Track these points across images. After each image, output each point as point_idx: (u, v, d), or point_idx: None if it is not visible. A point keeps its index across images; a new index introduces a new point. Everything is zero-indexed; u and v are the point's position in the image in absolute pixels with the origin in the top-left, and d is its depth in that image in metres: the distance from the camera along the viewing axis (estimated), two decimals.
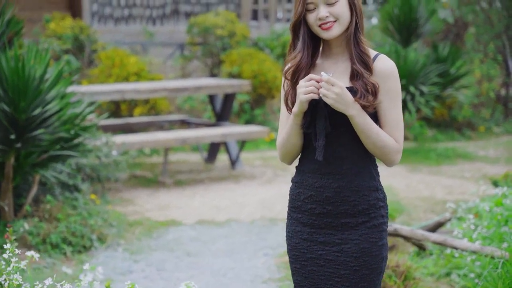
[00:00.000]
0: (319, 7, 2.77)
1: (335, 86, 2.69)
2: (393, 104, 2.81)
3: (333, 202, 2.82)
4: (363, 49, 2.80)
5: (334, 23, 2.77)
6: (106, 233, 6.31)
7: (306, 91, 2.71)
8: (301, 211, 2.89)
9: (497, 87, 13.64)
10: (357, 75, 2.77)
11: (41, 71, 5.74)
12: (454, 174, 9.34)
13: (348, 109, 2.71)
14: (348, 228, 2.82)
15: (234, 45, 12.72)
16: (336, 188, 2.81)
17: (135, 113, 10.94)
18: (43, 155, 6.03)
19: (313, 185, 2.85)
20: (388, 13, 10.58)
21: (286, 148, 2.89)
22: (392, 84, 2.80)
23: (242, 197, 8.04)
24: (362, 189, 2.81)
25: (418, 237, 4.74)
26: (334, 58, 2.87)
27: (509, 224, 5.07)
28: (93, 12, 13.51)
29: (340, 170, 2.81)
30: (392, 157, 2.81)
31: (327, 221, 2.84)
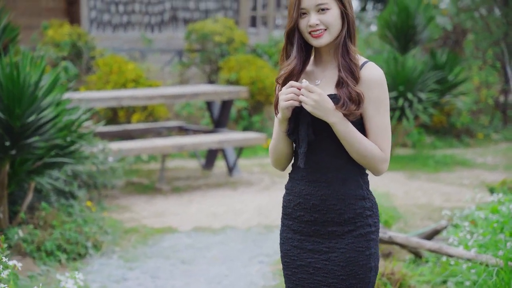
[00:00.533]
0: (310, 14, 2.77)
1: (313, 93, 2.69)
2: (378, 112, 2.77)
3: (320, 210, 2.82)
4: (352, 58, 2.78)
5: (324, 32, 2.77)
6: (101, 241, 6.29)
7: (286, 98, 2.73)
8: (291, 218, 2.90)
9: (496, 94, 13.64)
10: (342, 83, 2.76)
11: (36, 78, 5.73)
12: (452, 181, 9.32)
13: (328, 116, 2.71)
14: (335, 237, 2.82)
15: (232, 51, 12.72)
16: (322, 196, 2.81)
17: (133, 120, 10.93)
18: (38, 162, 6.01)
19: (301, 192, 2.86)
20: (386, 20, 10.57)
21: (276, 154, 2.92)
22: (377, 92, 2.77)
23: (239, 204, 8.01)
24: (348, 197, 2.80)
25: (413, 245, 4.72)
26: (324, 65, 2.87)
27: (505, 231, 5.04)
28: (92, 19, 13.51)
29: (326, 178, 2.81)
30: (377, 166, 2.78)
31: (314, 228, 2.84)
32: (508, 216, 5.17)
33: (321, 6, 2.75)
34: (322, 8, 2.76)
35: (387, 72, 10.29)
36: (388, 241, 4.78)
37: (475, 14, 13.70)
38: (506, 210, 5.19)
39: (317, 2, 2.75)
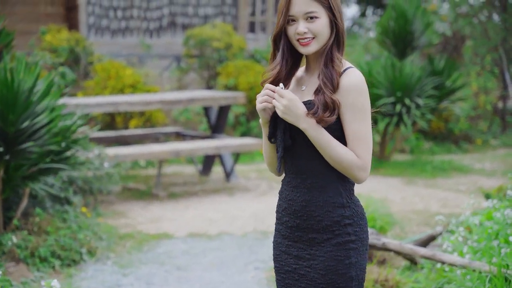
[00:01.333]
0: (298, 21, 2.76)
1: (284, 98, 2.69)
2: (355, 119, 2.73)
3: (301, 216, 2.82)
4: (335, 65, 2.76)
5: (312, 40, 2.77)
6: (96, 247, 6.27)
7: (261, 100, 2.75)
8: (281, 223, 2.91)
9: (494, 99, 13.62)
10: (320, 90, 2.75)
11: (31, 83, 5.72)
12: (450, 187, 9.29)
13: (298, 122, 2.71)
14: (315, 244, 2.81)
15: (231, 57, 12.71)
16: (302, 202, 2.81)
17: (131, 126, 10.92)
18: (33, 168, 6.00)
19: (286, 198, 2.87)
20: (384, 26, 10.57)
21: (266, 158, 2.95)
22: (354, 98, 2.73)
23: (236, 210, 7.99)
24: (327, 205, 2.78)
25: (406, 252, 4.70)
26: (312, 72, 2.87)
27: (499, 238, 5.02)
28: (90, 24, 13.51)
29: (306, 184, 2.81)
30: (355, 173, 2.74)
31: (298, 234, 2.84)
32: (503, 222, 5.15)
33: (309, 15, 2.74)
34: (310, 16, 2.74)
35: (385, 77, 10.29)
36: (382, 247, 4.76)
37: (474, 20, 13.70)
38: (501, 216, 5.16)
39: (306, 10, 2.74)
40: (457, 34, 14.58)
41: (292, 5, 2.74)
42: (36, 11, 13.59)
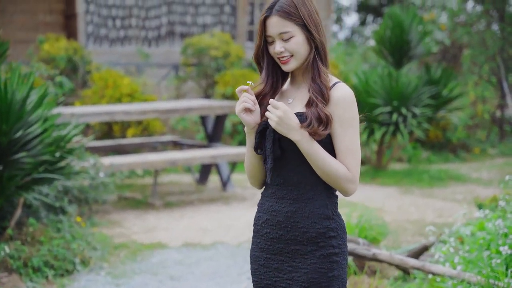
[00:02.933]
0: (275, 41, 2.81)
1: (278, 109, 2.72)
2: (345, 132, 2.78)
3: (284, 227, 2.82)
4: (323, 79, 2.81)
5: (290, 58, 2.82)
6: (89, 256, 6.27)
7: (239, 103, 2.78)
8: (259, 236, 2.91)
9: (492, 108, 13.63)
10: (312, 103, 2.78)
11: (24, 94, 5.74)
12: (446, 196, 9.29)
13: (291, 134, 2.73)
14: (297, 256, 2.81)
15: (229, 66, 12.73)
16: (287, 213, 2.82)
17: (128, 134, 10.93)
18: (26, 177, 6.01)
19: (269, 209, 2.87)
20: (381, 36, 10.59)
21: (248, 170, 2.94)
22: (345, 112, 2.78)
23: (231, 219, 7.99)
24: (313, 216, 2.79)
25: (396, 262, 4.70)
26: (297, 85, 2.91)
27: (491, 248, 5.02)
28: (89, 33, 13.55)
29: (292, 195, 2.82)
30: (344, 186, 2.77)
31: (279, 246, 2.84)
32: (495, 233, 5.15)
33: (283, 36, 2.79)
34: (284, 38, 2.79)
35: (382, 87, 10.31)
36: (372, 258, 4.76)
37: (471, 29, 13.72)
38: (493, 227, 5.16)
39: (280, 31, 2.79)
40: (456, 43, 14.61)
41: (267, 27, 2.81)
42: (34, 20, 13.63)
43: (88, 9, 13.55)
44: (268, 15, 2.80)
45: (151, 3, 14.01)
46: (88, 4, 13.52)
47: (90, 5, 13.56)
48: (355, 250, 4.85)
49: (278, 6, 2.79)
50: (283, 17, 2.77)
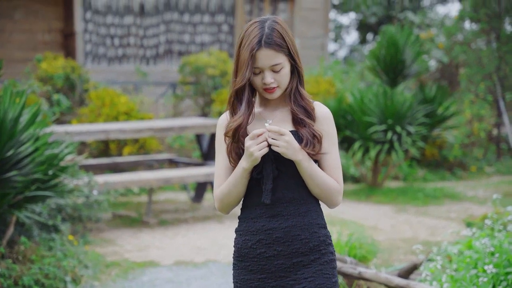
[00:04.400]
0: (264, 72, 2.84)
1: (284, 134, 2.77)
2: (332, 147, 2.90)
3: (284, 242, 2.86)
4: (307, 102, 2.91)
5: (276, 88, 2.87)
6: (80, 275, 6.28)
7: (260, 148, 2.78)
8: (248, 259, 2.91)
9: (488, 127, 13.66)
10: (302, 123, 2.87)
11: (17, 112, 5.78)
12: (440, 214, 9.31)
13: (296, 155, 2.80)
14: (300, 267, 2.86)
15: (226, 84, 12.79)
16: (285, 228, 2.86)
17: (124, 152, 10.97)
18: (18, 196, 6.04)
19: (260, 229, 2.89)
20: (376, 54, 10.65)
21: (230, 199, 2.93)
22: (329, 128, 2.91)
23: (224, 238, 8.01)
24: (312, 226, 2.88)
25: (382, 281, 4.72)
26: (273, 107, 2.96)
27: (478, 267, 5.03)
28: (87, 52, 13.63)
29: (287, 211, 2.87)
30: (335, 198, 2.89)
31: (278, 263, 2.87)
32: (482, 251, 5.17)
33: (275, 68, 2.84)
34: (276, 70, 2.84)
35: (377, 105, 10.35)
36: (358, 276, 4.78)
37: (467, 48, 13.78)
38: (481, 245, 5.18)
39: (272, 63, 2.83)
40: (454, 61, 14.68)
41: (257, 59, 2.82)
42: (33, 39, 13.73)
43: (87, 28, 13.65)
44: (259, 48, 2.81)
45: (150, 22, 14.11)
46: (86, 23, 13.62)
47: (89, 24, 13.66)
48: (342, 268, 4.88)
49: (268, 39, 2.81)
50: (275, 49, 2.82)
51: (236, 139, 2.87)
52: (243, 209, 2.97)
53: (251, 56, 2.80)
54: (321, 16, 15.32)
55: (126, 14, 13.93)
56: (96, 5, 13.67)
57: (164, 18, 14.23)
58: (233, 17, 14.72)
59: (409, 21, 18.22)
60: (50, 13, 13.85)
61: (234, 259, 2.99)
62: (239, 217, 2.98)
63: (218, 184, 2.96)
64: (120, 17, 13.88)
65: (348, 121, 10.60)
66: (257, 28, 2.83)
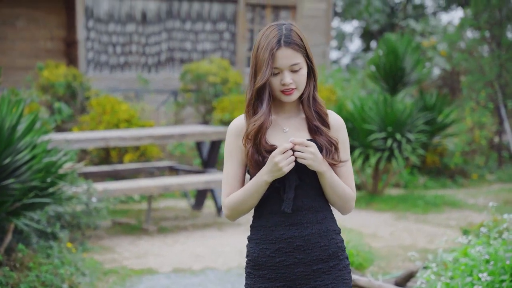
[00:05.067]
0: (283, 72, 2.84)
1: (310, 146, 2.78)
2: (347, 154, 2.94)
3: (304, 250, 2.87)
4: (320, 107, 2.92)
5: (294, 90, 2.87)
6: (78, 282, 6.29)
7: (288, 163, 2.78)
8: (266, 267, 2.90)
9: (490, 134, 13.65)
10: (318, 131, 2.89)
11: (14, 121, 5.81)
12: (440, 222, 9.30)
13: (320, 166, 2.82)
14: (320, 274, 2.88)
15: (227, 91, 12.83)
16: (306, 236, 2.87)
17: (125, 160, 11.00)
18: (16, 203, 6.05)
19: (280, 238, 2.88)
20: (375, 62, 10.66)
21: (244, 208, 2.91)
22: (343, 135, 2.95)
23: (223, 245, 8.02)
24: (329, 232, 2.91)
25: None
26: (288, 114, 2.96)
27: (473, 275, 5.03)
28: (89, 60, 13.69)
29: (307, 219, 2.89)
30: (350, 205, 2.95)
31: (298, 271, 2.88)
32: (478, 259, 5.17)
33: (294, 67, 2.84)
34: (294, 69, 2.84)
35: (377, 113, 10.36)
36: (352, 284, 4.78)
37: (469, 56, 13.79)
38: (476, 253, 5.18)
39: (291, 63, 2.83)
40: (455, 69, 14.70)
41: (276, 59, 2.82)
42: (36, 47, 13.79)
43: (89, 36, 13.70)
44: (278, 47, 2.82)
45: (151, 29, 14.16)
46: (88, 31, 13.67)
47: (91, 32, 13.71)
48: None
49: (287, 39, 2.82)
50: (294, 49, 2.82)
51: (258, 141, 2.84)
52: (257, 217, 2.95)
53: (271, 55, 2.80)
54: (323, 24, 15.35)
55: (128, 22, 13.98)
56: (98, 13, 13.73)
57: (166, 26, 14.28)
58: (235, 25, 14.76)
59: (411, 28, 18.24)
60: (53, 21, 13.92)
61: (249, 267, 2.96)
62: (253, 225, 2.96)
63: (227, 192, 2.95)
64: (122, 25, 13.94)
65: (348, 128, 10.61)
66: (275, 29, 2.84)
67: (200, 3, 14.46)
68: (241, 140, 2.91)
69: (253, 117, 2.87)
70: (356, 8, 20.20)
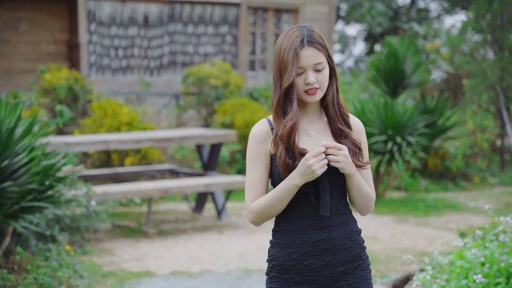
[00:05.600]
0: (306, 72, 2.85)
1: (342, 150, 2.81)
2: (367, 157, 2.98)
3: (332, 253, 2.90)
4: (343, 109, 2.95)
5: (318, 90, 2.88)
6: (76, 285, 6.31)
7: (321, 165, 2.79)
8: (293, 271, 2.92)
9: (492, 137, 13.63)
10: (342, 134, 2.92)
11: (12, 123, 5.83)
12: (440, 225, 9.29)
13: (351, 169, 2.86)
14: (345, 275, 2.91)
15: (228, 95, 12.84)
16: (333, 239, 2.90)
17: (126, 163, 11.02)
18: (14, 206, 6.08)
19: (307, 242, 2.90)
20: (376, 65, 10.67)
21: (272, 213, 2.90)
22: (364, 138, 3.00)
23: (222, 248, 8.03)
24: (353, 234, 2.95)
25: None
26: (310, 117, 2.96)
27: (469, 277, 5.04)
28: (91, 63, 13.72)
29: (334, 221, 2.92)
30: (371, 206, 3.00)
31: (325, 273, 2.90)
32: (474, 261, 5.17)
33: (317, 67, 2.86)
34: (318, 68, 2.86)
35: (377, 116, 10.36)
36: None
37: (471, 59, 13.78)
38: (471, 255, 5.19)
39: (315, 62, 2.85)
40: (458, 72, 14.69)
41: (301, 58, 2.84)
42: (38, 50, 13.83)
43: (91, 39, 13.74)
44: (302, 47, 2.84)
45: (154, 33, 14.19)
46: (91, 34, 13.71)
47: (93, 35, 13.75)
48: None
49: (310, 38, 2.85)
50: (318, 48, 2.85)
51: (291, 141, 2.83)
52: (281, 221, 2.94)
53: (295, 55, 2.82)
54: (325, 27, 15.36)
55: (130, 25, 14.01)
56: (100, 16, 13.76)
57: (168, 29, 14.31)
58: (237, 28, 14.78)
59: (414, 31, 18.23)
60: (55, 24, 13.96)
61: (274, 272, 2.95)
62: (277, 229, 2.95)
63: (252, 197, 2.92)
64: (124, 28, 13.97)
65: None
66: (297, 31, 2.88)
67: (202, 6, 14.49)
68: (266, 145, 2.91)
69: (283, 118, 2.87)
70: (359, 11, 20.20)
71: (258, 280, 6.78)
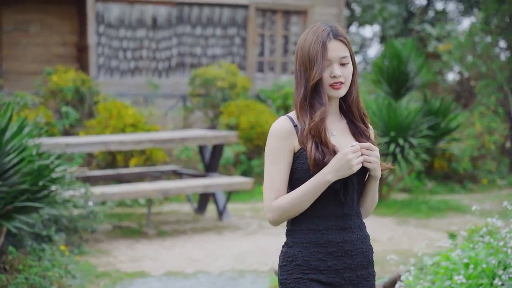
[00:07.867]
0: (332, 65, 2.82)
1: (374, 150, 2.80)
2: None
3: (352, 256, 2.86)
4: (363, 110, 2.92)
5: (342, 84, 2.83)
6: (68, 285, 6.34)
7: (359, 162, 2.77)
8: (319, 271, 2.85)
9: (501, 139, 13.54)
10: (363, 134, 2.89)
11: (3, 125, 5.88)
12: (441, 227, 9.25)
13: (379, 171, 2.86)
14: (361, 281, 2.88)
15: (235, 96, 12.87)
16: (354, 241, 2.87)
17: (131, 164, 11.07)
18: (8, 206, 6.12)
19: (333, 242, 2.84)
20: (379, 66, 10.64)
21: (299, 210, 2.84)
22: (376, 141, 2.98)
23: (220, 249, 8.04)
24: (366, 238, 2.94)
25: None
26: (331, 117, 2.91)
27: (453, 278, 5.01)
28: (100, 65, 13.80)
29: (353, 223, 2.89)
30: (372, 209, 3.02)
31: (347, 276, 2.86)
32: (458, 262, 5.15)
33: (343, 60, 2.83)
34: (343, 62, 2.83)
35: (380, 117, 10.32)
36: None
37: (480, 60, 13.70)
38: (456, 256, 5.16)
39: (341, 55, 2.82)
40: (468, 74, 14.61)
41: (328, 50, 2.80)
42: (48, 52, 13.94)
43: (100, 41, 13.82)
44: (329, 39, 2.82)
45: (162, 35, 14.25)
46: (99, 37, 13.80)
47: (102, 38, 13.83)
48: None
49: (336, 32, 2.83)
50: (343, 42, 2.83)
51: (322, 134, 2.78)
52: (303, 220, 2.87)
53: (324, 47, 2.80)
54: None
55: (139, 28, 14.08)
56: (109, 18, 13.84)
57: (176, 31, 14.37)
58: (245, 30, 14.80)
59: (427, 33, 18.15)
60: (65, 27, 14.06)
61: (299, 273, 2.86)
62: (297, 228, 2.88)
63: (274, 195, 2.83)
64: (132, 30, 14.04)
65: None
66: (322, 26, 2.85)
67: (211, 8, 14.53)
68: (290, 142, 2.83)
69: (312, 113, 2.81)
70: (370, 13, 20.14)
71: (252, 281, 6.78)
